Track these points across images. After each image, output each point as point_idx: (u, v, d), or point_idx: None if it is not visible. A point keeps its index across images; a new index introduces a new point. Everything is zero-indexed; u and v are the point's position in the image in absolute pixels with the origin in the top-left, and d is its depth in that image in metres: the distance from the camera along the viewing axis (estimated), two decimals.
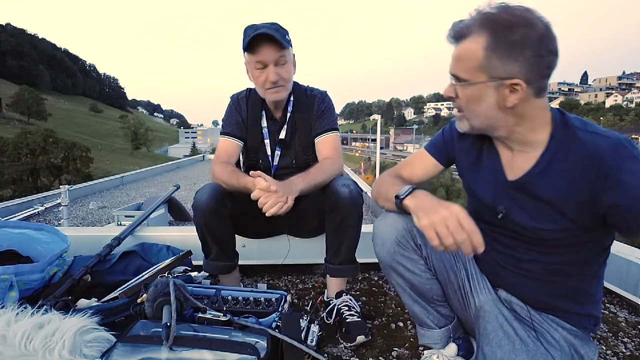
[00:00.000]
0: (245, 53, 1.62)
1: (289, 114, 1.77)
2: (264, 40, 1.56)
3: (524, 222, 1.03)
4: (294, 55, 1.69)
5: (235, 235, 1.75)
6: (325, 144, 1.74)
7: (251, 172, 1.46)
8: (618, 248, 1.85)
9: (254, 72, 1.64)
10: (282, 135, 1.77)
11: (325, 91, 1.82)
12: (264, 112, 1.78)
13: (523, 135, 0.99)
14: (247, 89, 1.81)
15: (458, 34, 0.97)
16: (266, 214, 1.38)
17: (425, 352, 1.29)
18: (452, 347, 1.22)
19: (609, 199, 0.89)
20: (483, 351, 1.08)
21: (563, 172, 0.95)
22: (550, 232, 1.00)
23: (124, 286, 1.46)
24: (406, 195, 1.05)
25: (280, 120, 1.78)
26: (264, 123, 1.78)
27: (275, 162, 1.78)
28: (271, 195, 1.38)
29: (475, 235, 0.92)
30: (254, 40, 1.54)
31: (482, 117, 0.99)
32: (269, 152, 1.79)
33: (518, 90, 0.91)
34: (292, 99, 1.76)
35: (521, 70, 0.90)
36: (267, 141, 1.78)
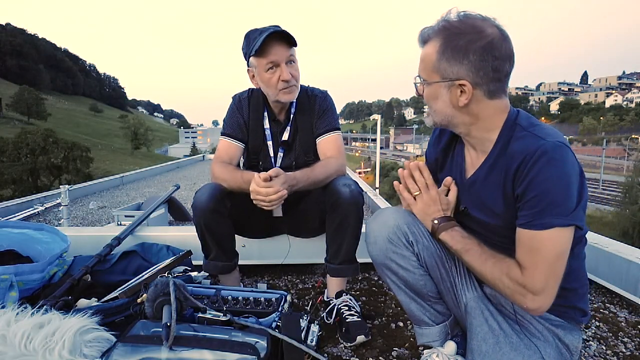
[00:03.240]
0: (253, 58, 1.60)
1: (291, 115, 1.77)
2: (274, 40, 1.55)
3: (481, 217, 1.09)
4: None
5: (235, 235, 1.75)
6: (328, 143, 1.74)
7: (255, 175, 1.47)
8: (618, 248, 1.85)
9: (263, 76, 1.61)
10: (285, 137, 1.76)
11: (326, 91, 1.82)
12: (266, 114, 1.77)
13: (480, 133, 1.08)
14: (249, 89, 1.80)
15: (423, 38, 1.07)
16: (260, 206, 1.44)
17: (424, 351, 1.30)
18: (452, 345, 1.23)
19: (516, 190, 0.98)
20: (470, 346, 1.13)
21: (500, 171, 1.03)
22: (504, 228, 1.05)
23: (124, 286, 1.46)
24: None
25: (283, 121, 1.78)
26: (266, 124, 1.77)
27: (278, 164, 1.78)
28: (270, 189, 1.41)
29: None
30: (264, 41, 1.53)
31: (440, 114, 1.09)
32: (271, 154, 1.78)
33: (466, 91, 1.01)
34: (294, 99, 1.76)
35: (467, 72, 0.99)
36: (269, 143, 1.78)
